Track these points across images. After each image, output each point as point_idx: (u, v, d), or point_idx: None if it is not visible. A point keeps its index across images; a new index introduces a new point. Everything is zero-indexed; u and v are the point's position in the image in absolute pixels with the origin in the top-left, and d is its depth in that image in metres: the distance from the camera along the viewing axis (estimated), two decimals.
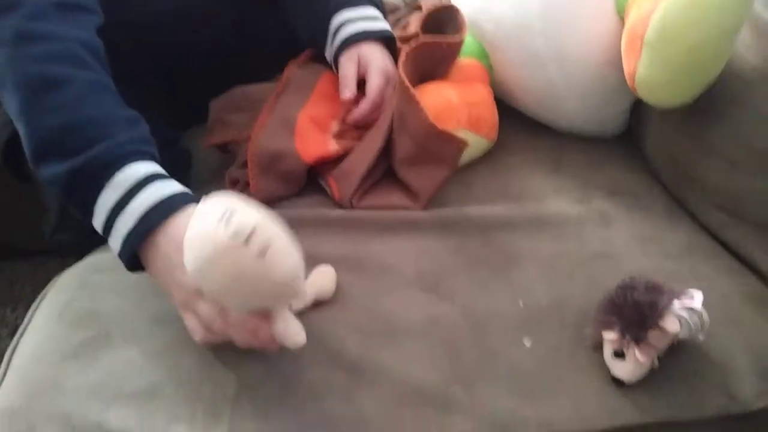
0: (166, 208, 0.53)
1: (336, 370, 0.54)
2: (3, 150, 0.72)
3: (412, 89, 0.68)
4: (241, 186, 0.73)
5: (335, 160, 0.74)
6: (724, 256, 0.67)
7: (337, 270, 0.63)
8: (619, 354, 0.54)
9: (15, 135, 0.74)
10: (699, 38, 0.60)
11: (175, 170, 0.60)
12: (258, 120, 0.75)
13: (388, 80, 0.78)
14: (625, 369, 0.53)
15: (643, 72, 0.64)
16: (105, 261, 0.67)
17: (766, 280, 0.65)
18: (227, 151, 0.78)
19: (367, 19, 0.81)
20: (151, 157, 0.56)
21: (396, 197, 0.71)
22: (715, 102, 0.67)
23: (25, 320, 0.63)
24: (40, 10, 0.57)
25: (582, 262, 0.65)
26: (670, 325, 0.52)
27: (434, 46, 0.74)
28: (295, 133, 0.74)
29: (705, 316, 0.54)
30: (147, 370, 0.55)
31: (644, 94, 0.67)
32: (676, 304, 0.53)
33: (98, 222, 0.55)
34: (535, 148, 0.81)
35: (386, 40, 0.81)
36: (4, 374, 0.58)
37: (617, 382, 0.54)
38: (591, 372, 0.55)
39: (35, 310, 0.64)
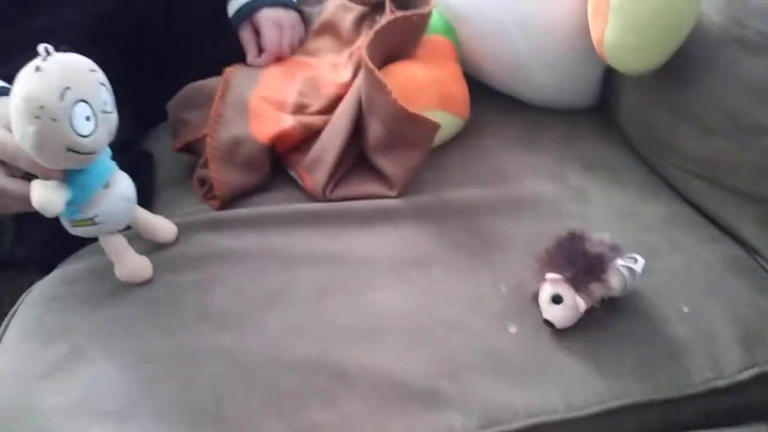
0: None
1: (319, 372, 0.53)
2: None
3: (377, 71, 0.65)
4: (208, 186, 0.70)
5: (303, 149, 0.72)
6: (705, 226, 0.66)
7: (314, 266, 0.62)
8: (556, 299, 0.55)
9: None
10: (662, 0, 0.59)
11: (134, 173, 0.59)
12: (211, 111, 0.73)
13: (281, 27, 0.81)
14: (560, 313, 0.55)
15: (611, 37, 0.63)
16: (75, 272, 0.65)
17: (747, 247, 0.64)
18: (194, 152, 0.76)
19: None
20: None
21: (371, 186, 0.69)
22: (686, 66, 0.65)
23: None
24: None
25: None
26: (613, 280, 0.55)
27: (405, 21, 0.71)
28: (248, 115, 0.72)
29: (638, 280, 0.56)
30: (124, 387, 0.53)
31: (613, 60, 0.66)
32: (620, 262, 0.55)
33: None
34: (508, 125, 0.79)
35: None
36: None
37: (548, 324, 0.55)
38: (576, 356, 0.55)
39: (5, 330, 0.62)
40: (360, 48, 0.72)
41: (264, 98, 0.74)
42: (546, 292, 0.56)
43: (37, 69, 0.48)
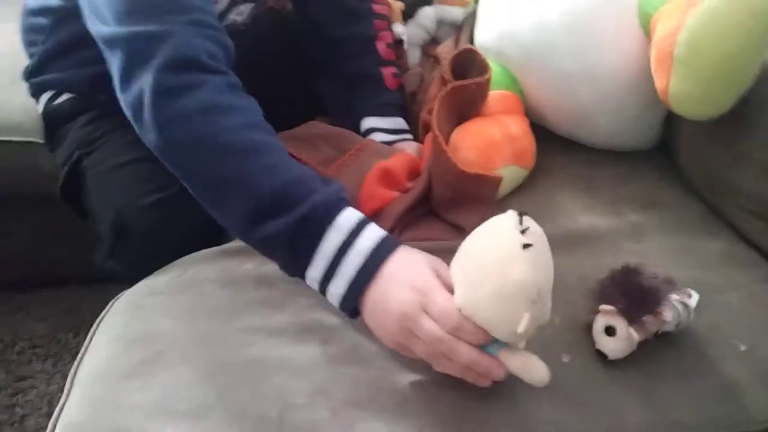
0: (388, 247, 0.56)
1: (381, 388, 0.56)
2: (61, 188, 0.80)
3: (440, 138, 0.70)
4: None
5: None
6: (763, 265, 0.67)
7: None
8: (610, 331, 0.56)
9: (69, 176, 0.80)
10: (727, 50, 0.60)
11: None
12: (341, 159, 0.77)
13: None
14: (613, 345, 0.56)
15: (676, 87, 0.64)
16: (159, 284, 0.71)
17: None
18: None
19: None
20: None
21: (437, 231, 0.72)
22: (746, 108, 0.66)
23: (86, 342, 0.67)
24: (220, 87, 0.61)
25: None
26: (667, 313, 0.56)
27: (463, 89, 0.75)
28: (364, 181, 0.74)
29: (692, 316, 0.58)
30: (198, 390, 0.58)
31: (679, 108, 0.67)
32: (674, 296, 0.57)
33: (318, 268, 0.57)
34: (566, 167, 0.82)
35: None
36: (69, 392, 0.62)
37: (601, 355, 0.57)
38: (628, 386, 0.56)
39: (94, 332, 0.68)
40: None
41: (386, 170, 0.75)
42: (599, 323, 0.57)
43: (525, 246, 0.46)
